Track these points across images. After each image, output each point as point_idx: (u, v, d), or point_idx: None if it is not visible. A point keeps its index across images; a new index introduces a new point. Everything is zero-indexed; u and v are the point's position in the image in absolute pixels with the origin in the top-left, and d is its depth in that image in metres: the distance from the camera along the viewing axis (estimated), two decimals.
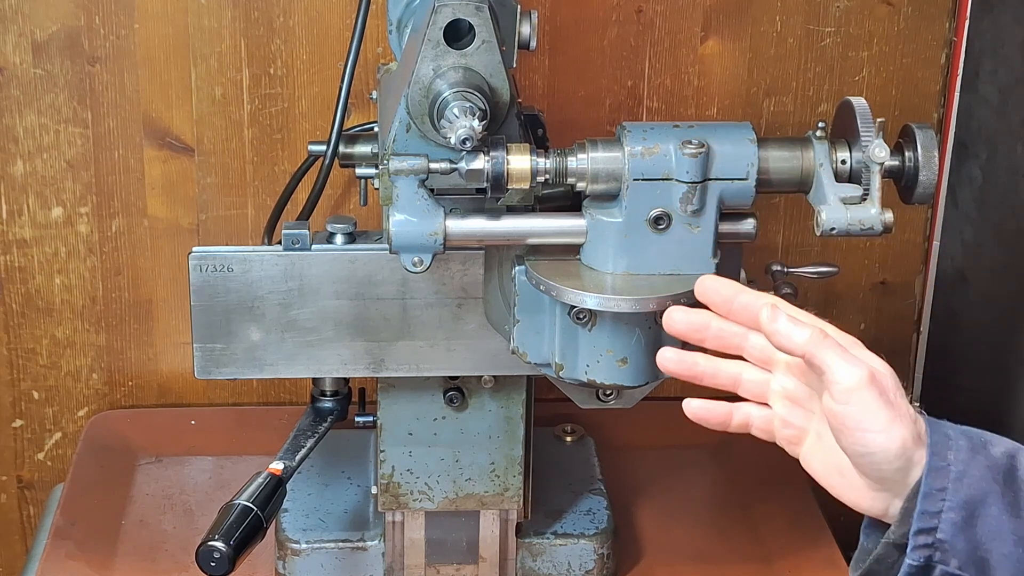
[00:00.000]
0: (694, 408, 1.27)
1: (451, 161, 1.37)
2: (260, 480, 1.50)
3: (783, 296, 1.54)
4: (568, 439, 1.88)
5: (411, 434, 1.60)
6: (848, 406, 1.17)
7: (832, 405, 1.18)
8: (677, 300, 1.38)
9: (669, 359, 1.26)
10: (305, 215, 1.67)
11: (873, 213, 1.37)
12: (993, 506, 1.17)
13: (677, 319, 1.25)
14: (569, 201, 1.43)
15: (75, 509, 1.79)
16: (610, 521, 1.71)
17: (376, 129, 1.58)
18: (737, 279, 1.49)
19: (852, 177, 1.40)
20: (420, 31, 1.36)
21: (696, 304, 1.27)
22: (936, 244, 2.02)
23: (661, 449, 1.93)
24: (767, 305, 1.21)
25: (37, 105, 1.86)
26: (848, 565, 1.75)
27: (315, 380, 1.64)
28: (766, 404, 1.27)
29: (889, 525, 1.20)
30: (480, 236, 1.42)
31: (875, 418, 1.17)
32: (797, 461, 1.32)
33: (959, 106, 1.94)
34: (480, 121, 1.32)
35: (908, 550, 1.17)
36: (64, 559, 1.71)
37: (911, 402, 1.23)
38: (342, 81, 1.56)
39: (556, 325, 1.43)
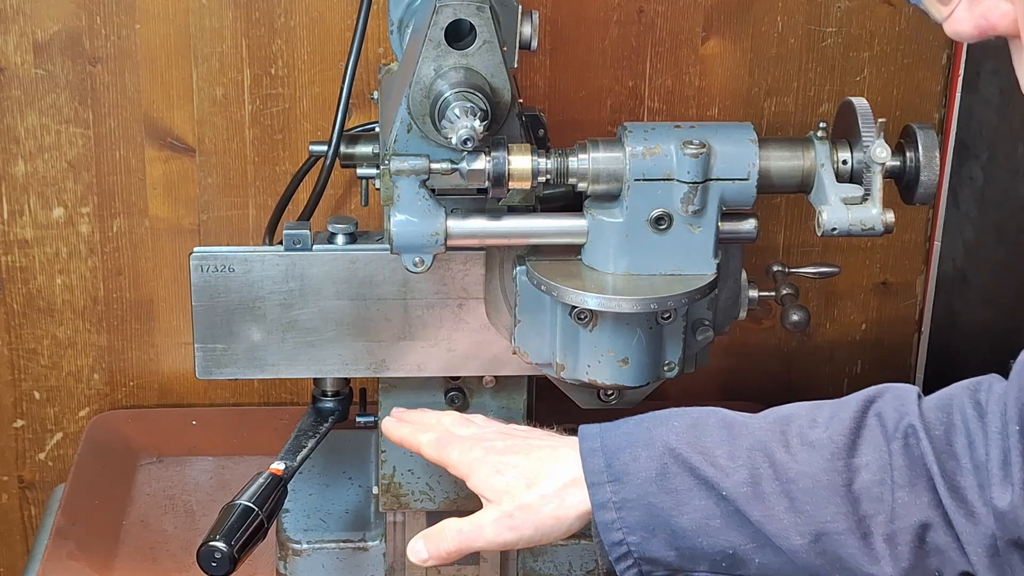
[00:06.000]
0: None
1: (452, 161, 1.37)
2: (261, 480, 1.50)
3: (784, 296, 1.55)
4: None
5: None
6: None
7: None
8: (678, 301, 1.38)
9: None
10: (306, 215, 1.67)
11: (874, 213, 1.37)
12: (665, 506, 1.24)
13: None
14: (570, 201, 1.43)
15: (76, 509, 1.79)
16: None
17: (377, 129, 1.58)
18: (738, 279, 1.49)
19: (853, 177, 1.40)
20: (421, 31, 1.36)
21: (693, 303, 1.31)
22: (937, 244, 2.02)
23: None
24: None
25: (38, 105, 1.86)
26: None
27: (316, 380, 1.64)
28: None
29: None
30: (481, 236, 1.42)
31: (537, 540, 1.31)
32: None
33: (960, 106, 1.94)
34: (481, 121, 1.32)
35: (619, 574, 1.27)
36: (65, 559, 1.71)
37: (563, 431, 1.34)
38: (343, 81, 1.56)
39: (557, 325, 1.44)
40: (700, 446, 1.25)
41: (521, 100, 1.47)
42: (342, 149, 1.55)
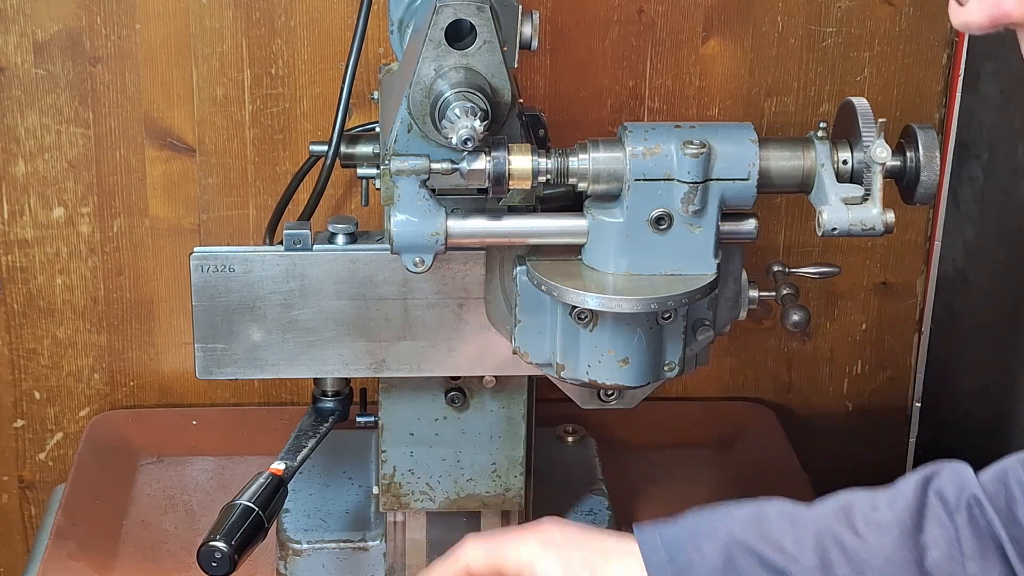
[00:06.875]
0: None
1: (452, 161, 1.37)
2: (261, 480, 1.50)
3: (785, 296, 1.55)
4: (569, 439, 1.88)
5: (412, 434, 1.60)
6: None
7: None
8: (678, 301, 1.38)
9: None
10: (306, 215, 1.67)
11: (874, 213, 1.37)
12: None
13: None
14: (571, 201, 1.43)
15: (76, 509, 1.79)
16: (611, 521, 1.71)
17: (377, 129, 1.58)
18: (739, 279, 1.49)
19: (853, 177, 1.40)
20: (421, 31, 1.36)
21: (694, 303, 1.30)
22: (937, 244, 2.02)
23: (662, 449, 1.93)
24: None
25: (39, 105, 1.86)
26: None
27: (316, 380, 1.64)
28: None
29: None
30: (481, 236, 1.42)
31: None
32: (797, 461, 1.32)
33: (960, 106, 1.94)
34: (481, 121, 1.32)
35: None
36: (65, 559, 1.71)
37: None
38: (343, 81, 1.56)
39: (557, 325, 1.43)
40: (765, 534, 1.23)
41: (521, 100, 1.47)
42: (342, 149, 1.55)
